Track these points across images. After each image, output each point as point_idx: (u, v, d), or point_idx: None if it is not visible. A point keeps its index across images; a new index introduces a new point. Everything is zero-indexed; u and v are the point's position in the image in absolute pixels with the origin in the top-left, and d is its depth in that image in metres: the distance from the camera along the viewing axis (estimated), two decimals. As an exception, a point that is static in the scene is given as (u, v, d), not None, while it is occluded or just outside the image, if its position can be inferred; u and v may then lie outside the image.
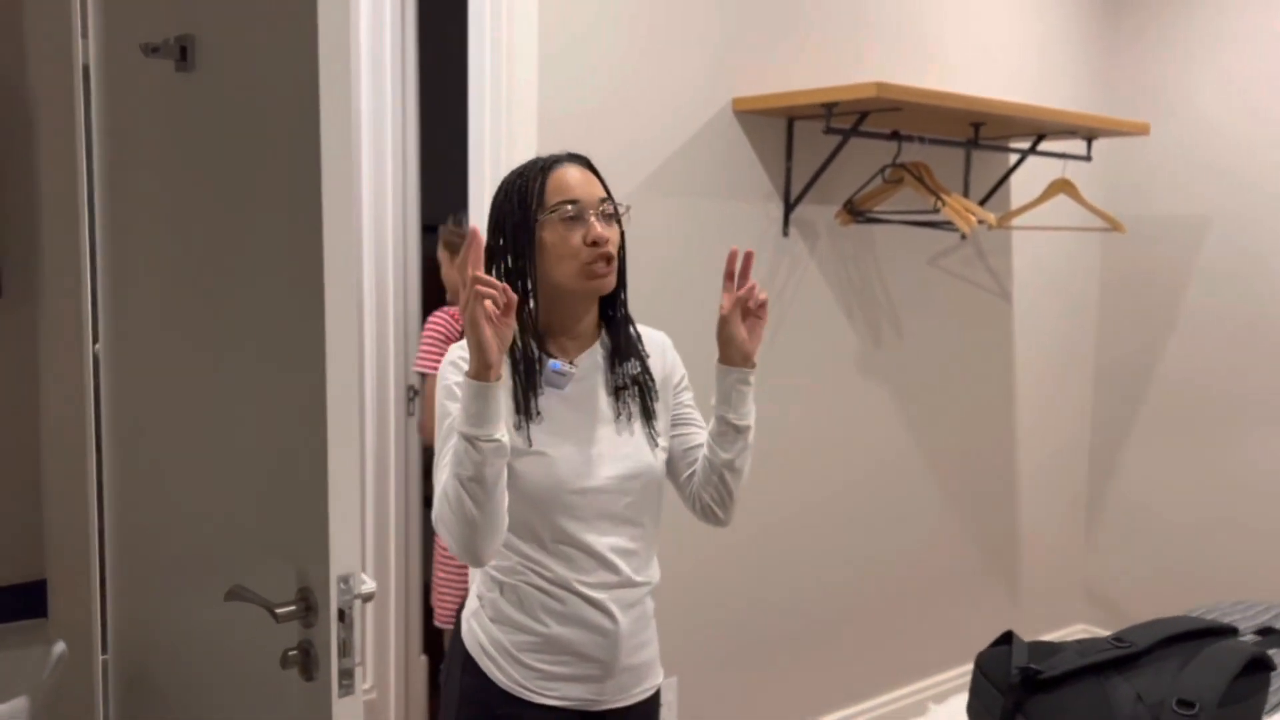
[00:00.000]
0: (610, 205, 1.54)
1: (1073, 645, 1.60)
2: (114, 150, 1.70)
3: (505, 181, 1.57)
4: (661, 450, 1.61)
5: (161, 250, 1.55)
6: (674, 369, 1.68)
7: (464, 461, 1.38)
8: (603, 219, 1.52)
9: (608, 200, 1.54)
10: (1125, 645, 1.56)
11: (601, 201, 1.52)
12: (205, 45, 1.37)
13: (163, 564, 1.64)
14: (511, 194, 1.54)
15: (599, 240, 1.49)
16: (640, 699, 1.63)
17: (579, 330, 1.58)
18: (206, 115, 1.38)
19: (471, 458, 1.38)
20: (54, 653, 1.71)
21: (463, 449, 1.38)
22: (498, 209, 1.56)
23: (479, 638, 1.58)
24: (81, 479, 1.80)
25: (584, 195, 1.51)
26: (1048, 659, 1.56)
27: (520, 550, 1.53)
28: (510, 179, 1.56)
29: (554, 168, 1.53)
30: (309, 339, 1.16)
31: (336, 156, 1.12)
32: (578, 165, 1.55)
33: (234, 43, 1.30)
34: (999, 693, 1.56)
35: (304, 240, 1.16)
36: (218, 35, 1.34)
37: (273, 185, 1.24)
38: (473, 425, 1.38)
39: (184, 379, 1.51)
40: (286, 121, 1.18)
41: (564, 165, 1.54)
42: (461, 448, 1.38)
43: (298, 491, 1.22)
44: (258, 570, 1.34)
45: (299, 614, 1.20)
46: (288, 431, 1.25)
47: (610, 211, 1.54)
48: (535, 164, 1.55)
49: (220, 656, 1.48)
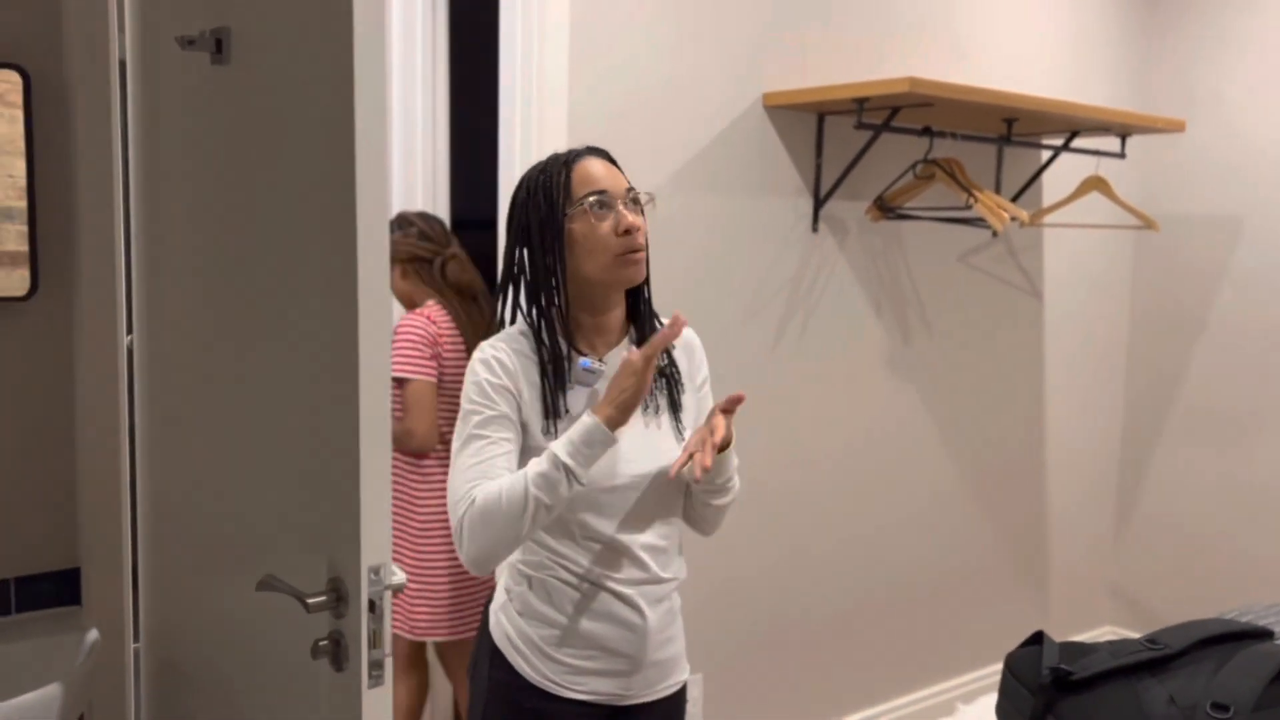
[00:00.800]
0: (636, 194, 1.54)
1: (1105, 646, 1.59)
2: (149, 143, 1.71)
3: (525, 178, 1.56)
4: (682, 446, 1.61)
5: (196, 243, 1.57)
6: (700, 368, 1.68)
7: (553, 490, 1.41)
8: (631, 208, 1.51)
9: (634, 189, 1.54)
10: (1159, 647, 1.54)
11: (628, 190, 1.52)
12: (240, 38, 1.38)
13: (195, 553, 1.66)
14: (535, 190, 1.53)
15: (631, 228, 1.49)
16: (666, 694, 1.63)
17: (607, 326, 1.57)
18: (241, 108, 1.39)
19: (562, 491, 1.42)
20: (87, 640, 1.73)
21: (557, 478, 1.41)
22: (520, 207, 1.55)
23: (507, 631, 1.58)
24: (115, 469, 1.82)
25: (611, 185, 1.51)
26: (1079, 660, 1.54)
27: (549, 545, 1.53)
28: (531, 175, 1.55)
29: (577, 160, 1.53)
30: (342, 331, 1.17)
31: (371, 148, 1.12)
32: (599, 157, 1.55)
33: (269, 36, 1.31)
34: (1029, 693, 1.54)
35: (337, 234, 1.16)
36: (253, 28, 1.34)
37: (307, 178, 1.24)
38: (580, 464, 1.42)
39: (217, 370, 1.53)
40: (321, 115, 1.19)
41: (586, 158, 1.53)
42: (556, 477, 1.41)
43: (329, 482, 1.23)
44: (289, 560, 1.35)
45: (329, 604, 1.21)
46: (319, 422, 1.25)
47: (637, 199, 1.53)
48: (556, 159, 1.54)
49: (251, 646, 1.49)
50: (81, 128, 1.74)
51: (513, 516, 1.41)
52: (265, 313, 1.38)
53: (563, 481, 1.41)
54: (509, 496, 1.41)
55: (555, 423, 1.51)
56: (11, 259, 1.69)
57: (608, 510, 1.52)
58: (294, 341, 1.31)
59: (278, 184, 1.32)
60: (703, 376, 1.68)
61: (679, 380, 1.62)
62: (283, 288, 1.32)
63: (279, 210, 1.32)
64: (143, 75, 1.71)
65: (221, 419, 1.52)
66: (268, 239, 1.35)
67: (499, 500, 1.41)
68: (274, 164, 1.32)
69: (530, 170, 1.57)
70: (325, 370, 1.22)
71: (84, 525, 1.82)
